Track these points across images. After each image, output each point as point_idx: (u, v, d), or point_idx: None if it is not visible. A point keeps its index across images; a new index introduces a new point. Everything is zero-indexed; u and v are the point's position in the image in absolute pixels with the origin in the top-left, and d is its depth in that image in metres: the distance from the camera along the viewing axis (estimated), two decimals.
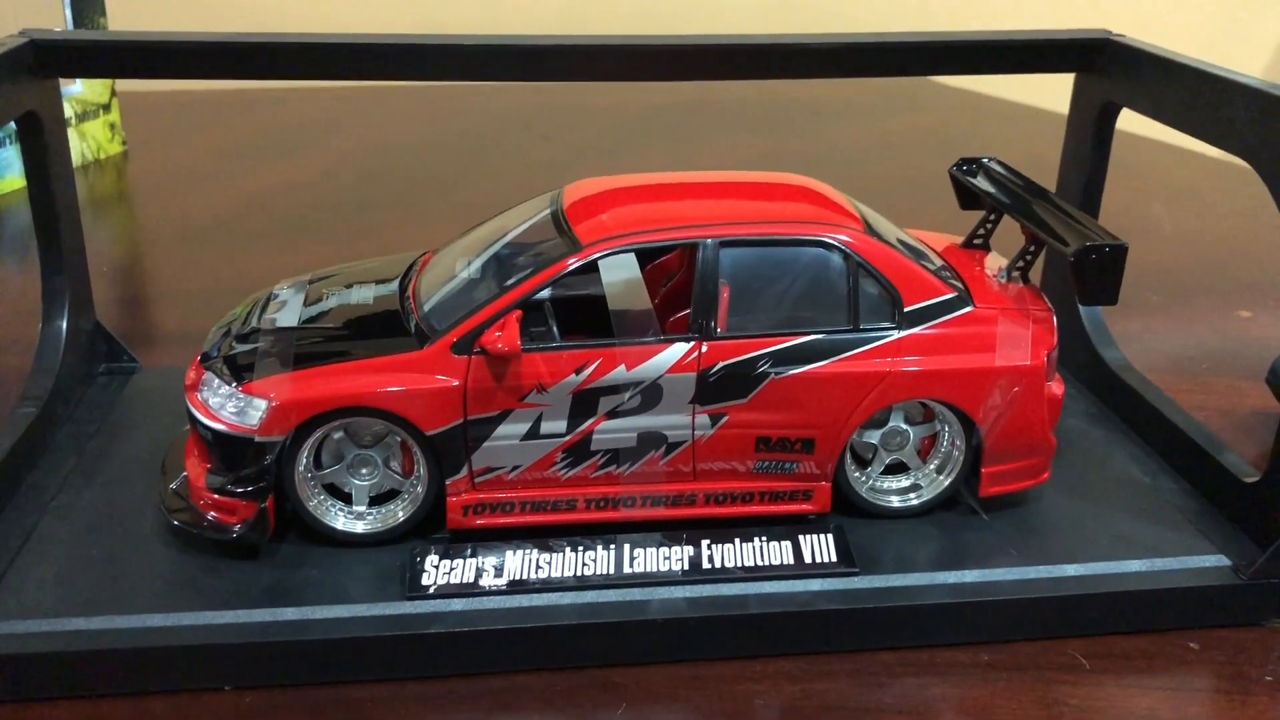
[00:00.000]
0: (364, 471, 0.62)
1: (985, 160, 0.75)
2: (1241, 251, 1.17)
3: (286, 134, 1.52)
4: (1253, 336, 0.98)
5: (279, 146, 1.46)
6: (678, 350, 0.61)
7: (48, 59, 0.70)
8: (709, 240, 0.62)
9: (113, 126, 1.39)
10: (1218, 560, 0.63)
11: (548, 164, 1.42)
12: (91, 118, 1.36)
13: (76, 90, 1.32)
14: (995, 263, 0.70)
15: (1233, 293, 1.07)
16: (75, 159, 1.33)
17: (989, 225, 0.72)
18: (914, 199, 1.23)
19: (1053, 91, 0.82)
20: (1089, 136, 0.79)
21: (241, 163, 1.40)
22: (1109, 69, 0.77)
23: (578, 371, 0.60)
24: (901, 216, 0.73)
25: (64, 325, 0.75)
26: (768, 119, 1.63)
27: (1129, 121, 0.76)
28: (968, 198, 0.74)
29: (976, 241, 0.72)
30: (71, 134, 1.32)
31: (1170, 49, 0.72)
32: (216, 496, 0.60)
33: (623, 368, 0.61)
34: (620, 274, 0.69)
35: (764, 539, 0.63)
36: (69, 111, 1.32)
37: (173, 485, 0.63)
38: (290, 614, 0.58)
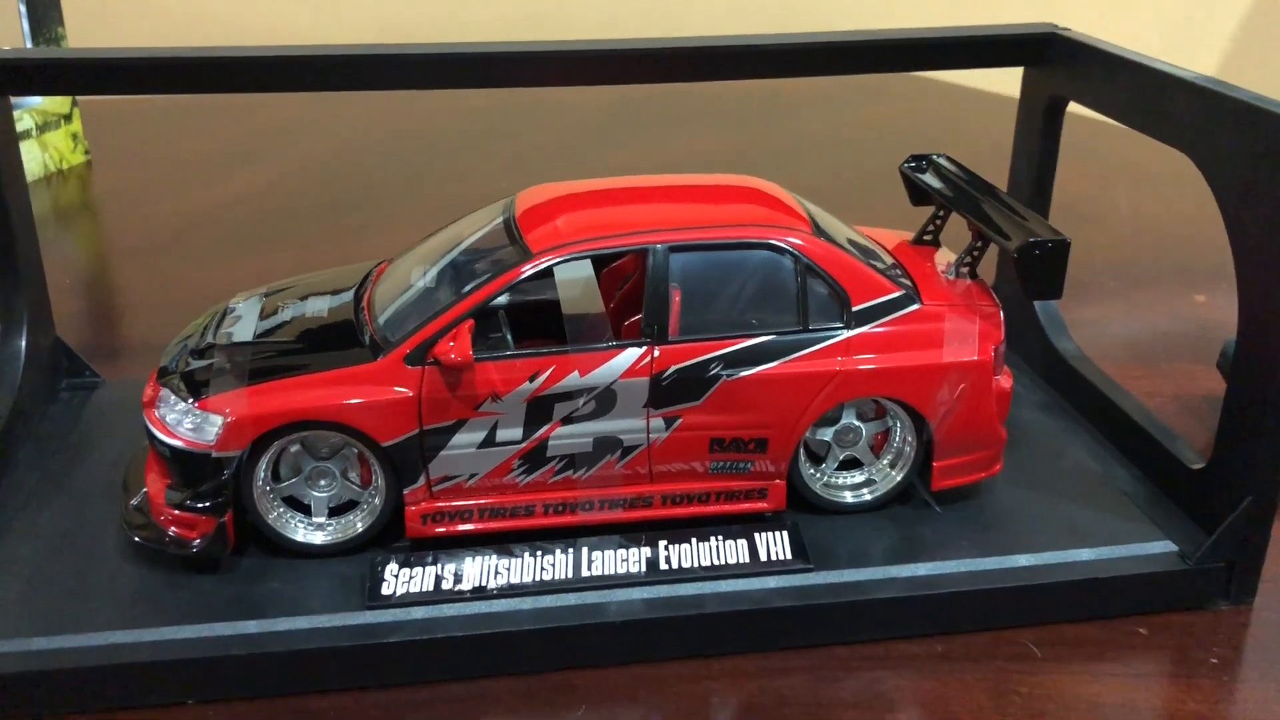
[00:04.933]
0: (322, 483, 0.63)
1: (935, 157, 0.76)
2: (1196, 235, 1.19)
3: (250, 139, 1.51)
4: (1207, 320, 1.00)
5: (243, 152, 1.46)
6: (631, 355, 0.62)
7: (1, 78, 0.70)
8: (659, 246, 0.62)
9: (75, 136, 1.38)
10: (1165, 547, 0.65)
11: (511, 163, 1.42)
12: (53, 128, 1.35)
13: (37, 101, 1.31)
14: (944, 259, 0.71)
15: (1188, 277, 1.09)
16: (38, 170, 1.33)
17: (938, 222, 0.72)
18: (876, 193, 1.24)
19: (1015, 78, 0.83)
20: (1038, 129, 0.80)
21: (206, 170, 1.40)
22: (1056, 63, 0.77)
23: (532, 379, 0.61)
24: (863, 211, 0.74)
25: (23, 343, 0.75)
26: (732, 111, 1.63)
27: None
28: (918, 194, 0.75)
29: (926, 238, 0.73)
30: (33, 145, 1.32)
31: (1118, 44, 0.73)
32: (176, 512, 0.61)
33: (576, 374, 0.61)
34: (573, 280, 0.69)
35: (720, 538, 0.64)
36: (30, 123, 1.31)
37: (134, 502, 0.64)
38: (252, 627, 0.58)
